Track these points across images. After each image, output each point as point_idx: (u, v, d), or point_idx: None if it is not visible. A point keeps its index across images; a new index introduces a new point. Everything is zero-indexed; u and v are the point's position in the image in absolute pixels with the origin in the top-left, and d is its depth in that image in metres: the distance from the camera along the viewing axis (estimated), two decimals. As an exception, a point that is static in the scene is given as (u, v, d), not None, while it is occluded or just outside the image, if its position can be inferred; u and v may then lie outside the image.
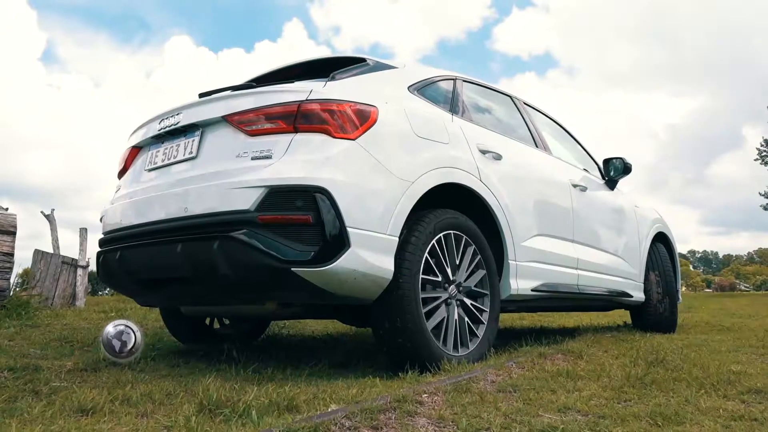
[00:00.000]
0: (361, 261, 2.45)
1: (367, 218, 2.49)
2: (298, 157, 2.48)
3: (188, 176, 2.72)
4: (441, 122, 3.02)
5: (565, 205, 3.78)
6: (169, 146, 2.92)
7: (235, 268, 2.46)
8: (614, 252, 4.32)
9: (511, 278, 3.22)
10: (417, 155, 2.76)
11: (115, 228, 3.02)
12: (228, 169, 2.58)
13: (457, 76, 3.50)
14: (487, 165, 3.14)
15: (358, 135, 2.57)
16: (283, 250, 2.39)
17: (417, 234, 2.68)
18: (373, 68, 3.05)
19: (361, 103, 2.64)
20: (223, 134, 2.71)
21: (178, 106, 2.94)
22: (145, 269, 2.84)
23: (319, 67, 3.28)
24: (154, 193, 2.84)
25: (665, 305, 4.71)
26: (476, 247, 2.99)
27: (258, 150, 2.55)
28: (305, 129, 2.53)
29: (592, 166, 4.63)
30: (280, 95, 2.62)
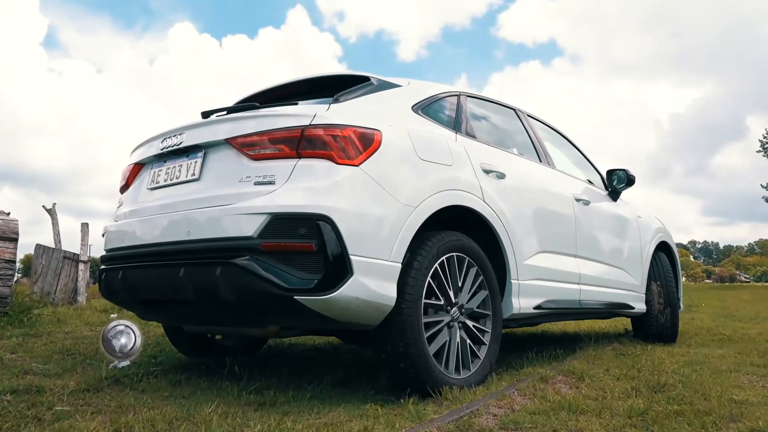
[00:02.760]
0: (364, 288, 2.44)
1: (370, 245, 2.49)
2: (301, 184, 2.47)
3: (191, 198, 2.71)
4: (444, 143, 3.00)
5: (568, 220, 3.77)
6: (172, 166, 2.91)
7: (237, 294, 2.47)
8: (616, 264, 4.31)
9: (513, 297, 3.21)
10: (420, 179, 2.74)
11: (117, 247, 3.02)
12: (231, 193, 2.57)
13: (461, 91, 3.48)
14: (491, 185, 3.13)
15: (362, 160, 2.55)
16: (286, 278, 2.38)
17: (420, 259, 2.67)
18: (377, 87, 3.03)
19: (364, 128, 2.62)
20: (226, 157, 2.69)
21: (181, 126, 2.92)
22: (146, 290, 2.84)
23: (323, 84, 3.26)
24: (157, 213, 2.83)
25: (666, 316, 4.71)
26: (479, 268, 2.98)
27: (261, 175, 2.54)
28: (308, 155, 2.52)
29: (595, 177, 4.62)
30: (283, 119, 2.60)
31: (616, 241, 4.37)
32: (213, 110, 3.04)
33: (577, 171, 4.42)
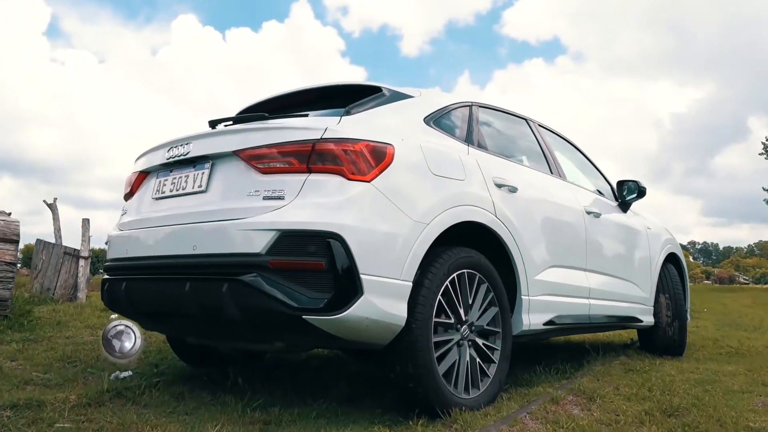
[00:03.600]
0: (374, 308, 2.38)
1: (380, 264, 2.43)
2: (311, 200, 2.40)
3: (197, 211, 2.65)
4: (457, 157, 2.94)
5: (578, 234, 3.70)
6: (178, 176, 2.85)
7: (243, 312, 2.41)
8: (626, 277, 4.25)
9: (523, 314, 3.16)
10: (432, 195, 2.68)
11: (121, 257, 2.95)
12: (238, 207, 2.51)
13: (473, 102, 3.41)
14: (503, 199, 3.06)
15: (374, 176, 2.49)
16: (295, 297, 2.32)
17: (431, 276, 2.61)
18: (389, 99, 2.96)
19: (376, 142, 2.56)
20: (234, 169, 2.63)
21: (188, 135, 2.86)
22: (150, 303, 2.78)
23: (333, 94, 3.19)
24: (162, 225, 2.77)
25: (674, 329, 4.65)
26: (489, 285, 2.92)
27: (270, 189, 2.47)
28: (319, 169, 2.45)
29: (606, 188, 4.55)
30: (293, 132, 2.54)
31: (625, 254, 4.31)
32: (220, 119, 2.97)
33: (587, 182, 4.35)
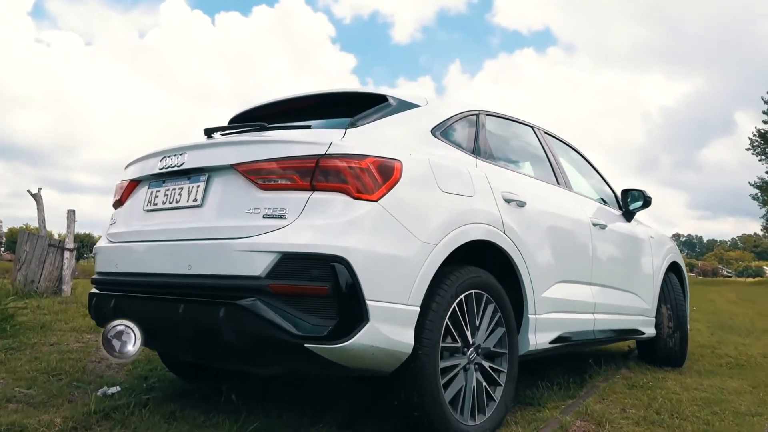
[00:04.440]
0: (380, 336, 2.25)
1: (387, 289, 2.30)
2: (314, 220, 2.26)
3: (192, 227, 2.50)
4: (465, 171, 2.80)
5: (585, 247, 3.59)
6: (171, 188, 2.69)
7: (241, 338, 2.27)
8: (629, 289, 4.15)
9: (530, 333, 3.05)
10: (441, 214, 2.54)
11: (109, 271, 2.80)
12: (237, 225, 2.36)
13: (480, 110, 3.28)
14: (512, 215, 2.94)
15: (381, 195, 2.35)
16: (296, 324, 2.19)
17: (438, 300, 2.48)
18: (395, 109, 2.81)
19: (383, 158, 2.42)
20: (232, 184, 2.48)
21: (182, 145, 2.70)
22: (141, 323, 2.63)
23: (335, 102, 3.04)
24: (154, 240, 2.62)
25: (675, 340, 4.57)
26: (497, 305, 2.81)
27: (271, 207, 2.33)
28: (323, 187, 2.31)
29: (610, 196, 4.45)
30: (296, 147, 2.39)
31: (630, 265, 4.21)
32: (216, 128, 2.82)
33: (591, 190, 4.25)
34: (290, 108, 3.20)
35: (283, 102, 3.21)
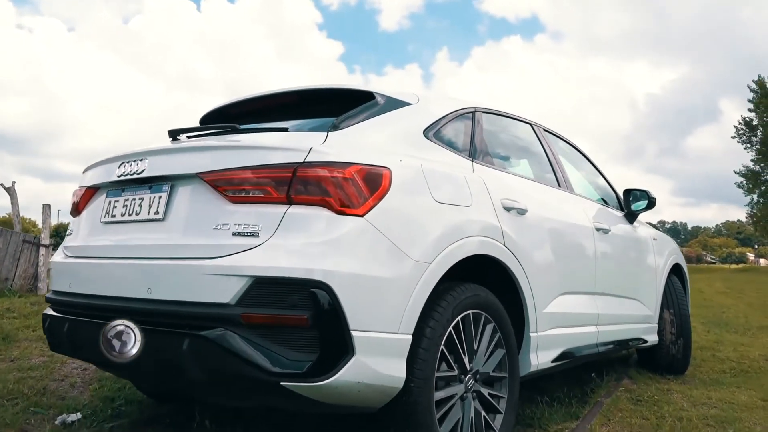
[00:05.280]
0: (368, 371, 1.98)
1: (375, 316, 2.02)
2: (292, 240, 1.97)
3: (153, 244, 2.20)
4: (462, 178, 2.52)
5: (588, 254, 3.33)
6: (131, 198, 2.38)
7: (209, 374, 1.99)
8: (633, 296, 3.91)
9: (531, 353, 2.79)
10: (436, 228, 2.26)
11: (64, 291, 2.49)
12: (203, 243, 2.07)
13: (476, 107, 2.99)
14: (512, 225, 2.66)
15: (368, 208, 2.06)
16: (272, 359, 1.91)
17: (433, 324, 2.21)
18: (383, 108, 2.51)
19: (371, 165, 2.13)
20: (198, 195, 2.17)
21: (143, 150, 2.38)
22: (97, 352, 2.34)
23: (316, 99, 2.74)
24: (111, 257, 2.32)
25: (679, 346, 4.34)
26: (496, 324, 2.54)
27: (242, 223, 2.03)
28: (302, 200, 2.02)
29: (610, 195, 4.19)
30: (270, 153, 2.09)
31: (633, 271, 3.96)
32: (182, 130, 2.51)
33: (591, 190, 3.98)
34: (266, 106, 2.89)
35: (259, 99, 2.89)
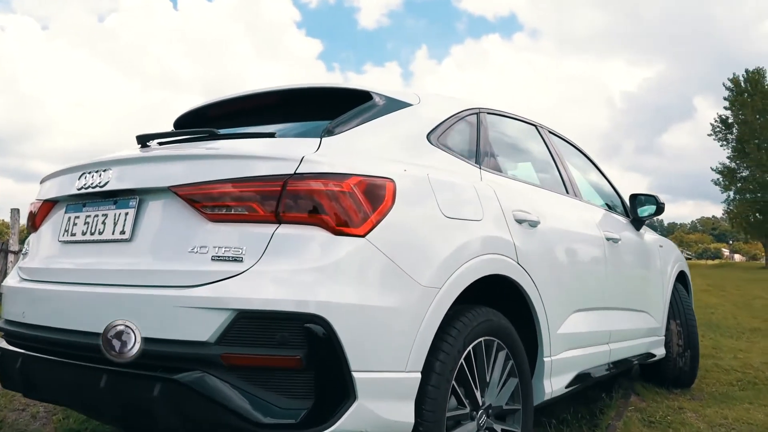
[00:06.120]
0: (372, 417, 1.70)
1: (380, 354, 1.74)
2: (281, 265, 1.68)
3: (118, 269, 1.89)
4: (471, 188, 2.24)
5: (600, 267, 3.08)
6: (93, 214, 2.06)
7: (185, 423, 1.69)
8: (642, 308, 3.67)
9: (545, 379, 2.52)
10: (445, 246, 1.98)
11: (17, 320, 2.17)
12: (176, 269, 1.77)
13: (481, 108, 2.71)
14: (525, 239, 2.39)
15: (370, 227, 1.77)
16: (258, 406, 1.62)
17: (443, 358, 1.93)
18: (383, 109, 2.22)
19: (372, 177, 1.84)
20: (171, 212, 1.87)
21: (107, 159, 2.07)
22: (55, 393, 2.02)
23: (307, 100, 2.44)
24: (70, 283, 2.00)
25: (686, 359, 4.11)
26: (508, 351, 2.27)
27: (222, 246, 1.74)
28: (292, 219, 1.73)
29: (614, 199, 3.94)
30: (255, 163, 1.79)
31: (642, 282, 3.72)
32: (152, 135, 2.20)
33: (597, 195, 3.73)
34: (249, 108, 2.58)
35: (241, 100, 2.57)
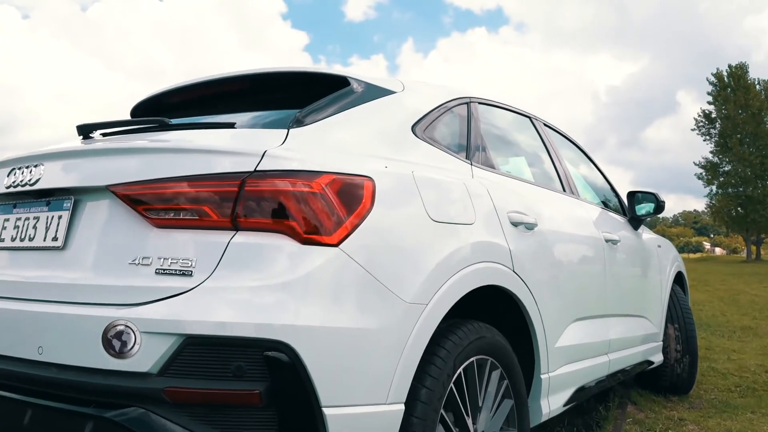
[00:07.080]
0: (346, 459, 1.43)
1: (355, 385, 1.47)
2: (238, 281, 1.41)
3: (48, 283, 1.61)
4: (461, 186, 1.98)
5: (600, 271, 2.83)
6: (23, 216, 1.77)
7: (122, 469, 1.41)
8: (640, 313, 3.44)
9: (542, 398, 2.28)
10: (433, 256, 1.71)
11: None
12: (113, 285, 1.50)
13: (471, 97, 2.44)
14: (521, 243, 2.14)
15: (344, 235, 1.50)
16: (210, 450, 1.35)
17: (431, 385, 1.67)
18: (361, 97, 1.94)
19: (347, 175, 1.57)
20: (111, 216, 1.59)
21: (40, 152, 1.77)
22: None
23: (276, 86, 2.15)
24: (-5, 298, 1.71)
25: (684, 365, 3.90)
26: (503, 370, 2.01)
27: (168, 257, 1.46)
28: (252, 225, 1.45)
29: (611, 196, 3.71)
30: (209, 158, 1.51)
31: (640, 285, 3.49)
32: (95, 125, 1.90)
33: (593, 193, 3.49)
34: (213, 95, 2.28)
35: (203, 86, 2.25)
